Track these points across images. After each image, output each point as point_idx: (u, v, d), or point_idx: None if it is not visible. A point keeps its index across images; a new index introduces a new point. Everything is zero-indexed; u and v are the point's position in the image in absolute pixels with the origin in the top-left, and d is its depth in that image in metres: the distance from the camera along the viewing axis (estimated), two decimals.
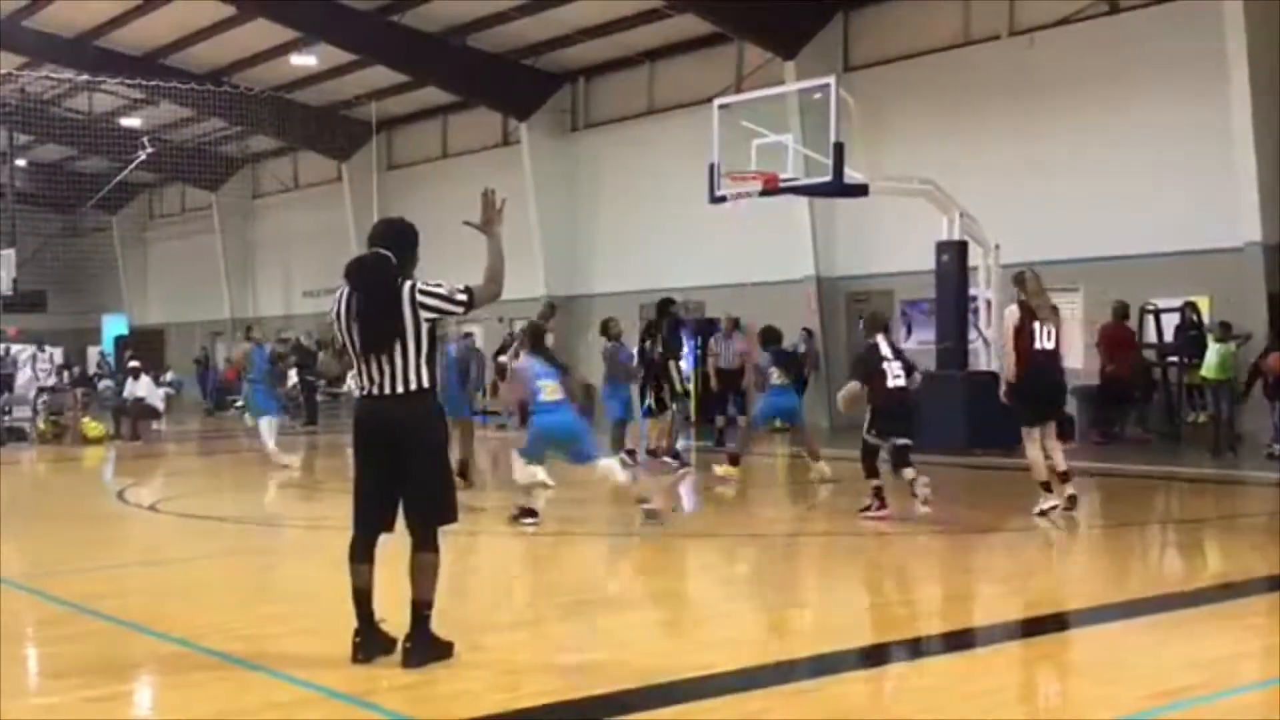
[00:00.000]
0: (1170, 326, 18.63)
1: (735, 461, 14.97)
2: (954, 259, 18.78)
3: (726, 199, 18.26)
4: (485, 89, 28.90)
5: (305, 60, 29.87)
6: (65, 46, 31.18)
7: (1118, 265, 19.21)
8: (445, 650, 6.19)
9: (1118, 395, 18.83)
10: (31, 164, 40.70)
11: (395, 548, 6.24)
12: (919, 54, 22.40)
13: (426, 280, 6.22)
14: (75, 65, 31.46)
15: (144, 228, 46.60)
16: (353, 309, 6.19)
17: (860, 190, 17.98)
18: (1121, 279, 18.94)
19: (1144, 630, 7.18)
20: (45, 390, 24.30)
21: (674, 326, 17.25)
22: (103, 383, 34.32)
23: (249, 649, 6.56)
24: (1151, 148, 19.20)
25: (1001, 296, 16.88)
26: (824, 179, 17.69)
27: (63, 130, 35.93)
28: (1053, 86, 20.35)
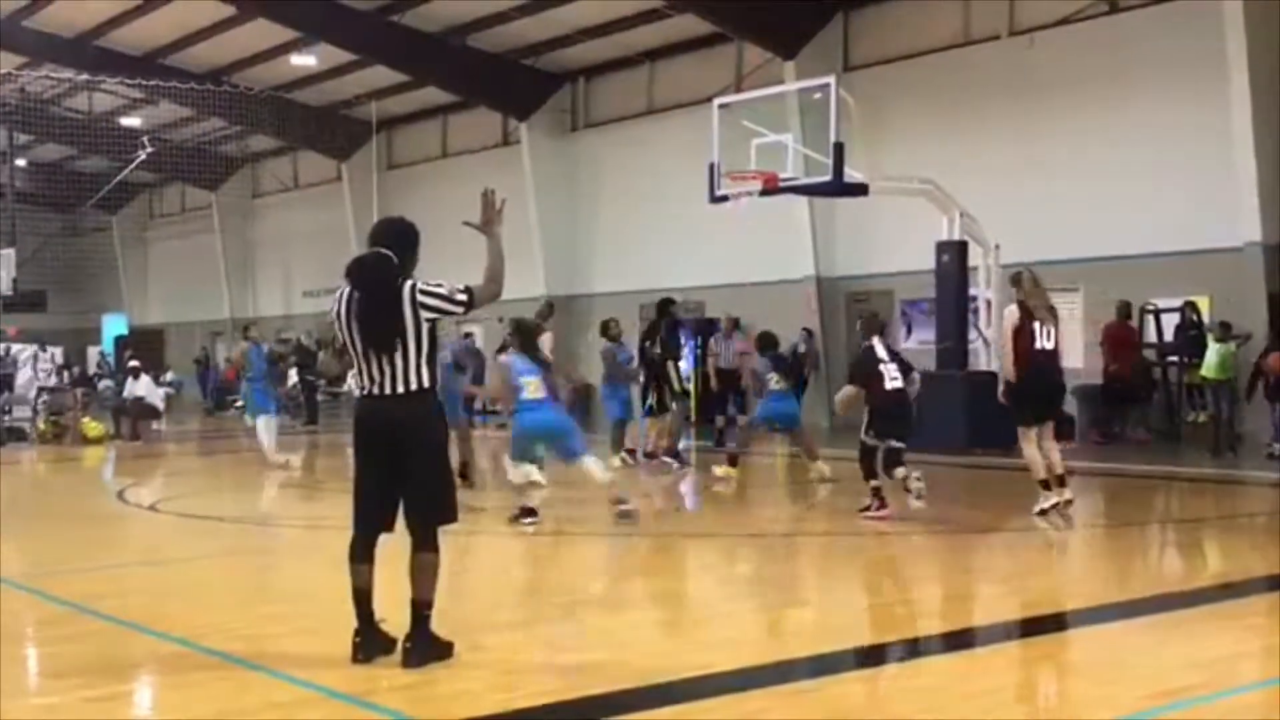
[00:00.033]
0: (1170, 326, 18.65)
1: (734, 462, 14.96)
2: (954, 259, 18.78)
3: (728, 198, 18.25)
4: (485, 89, 28.91)
5: (305, 60, 29.88)
6: (65, 46, 31.18)
7: (1118, 265, 19.22)
8: (445, 650, 6.19)
9: (1121, 395, 18.84)
10: (31, 164, 40.71)
11: (395, 548, 6.24)
12: (919, 54, 22.40)
13: (427, 280, 6.22)
14: (75, 65, 31.46)
15: (144, 227, 46.59)
16: (353, 308, 6.19)
17: (860, 190, 17.98)
18: (1121, 279, 18.95)
19: (1144, 630, 7.17)
20: (45, 390, 24.27)
21: (673, 327, 17.25)
22: (103, 383, 34.29)
23: (249, 649, 6.56)
24: (1151, 148, 19.20)
25: (1001, 296, 16.88)
26: (824, 179, 17.69)
27: (63, 130, 35.93)
28: (1052, 86, 20.35)
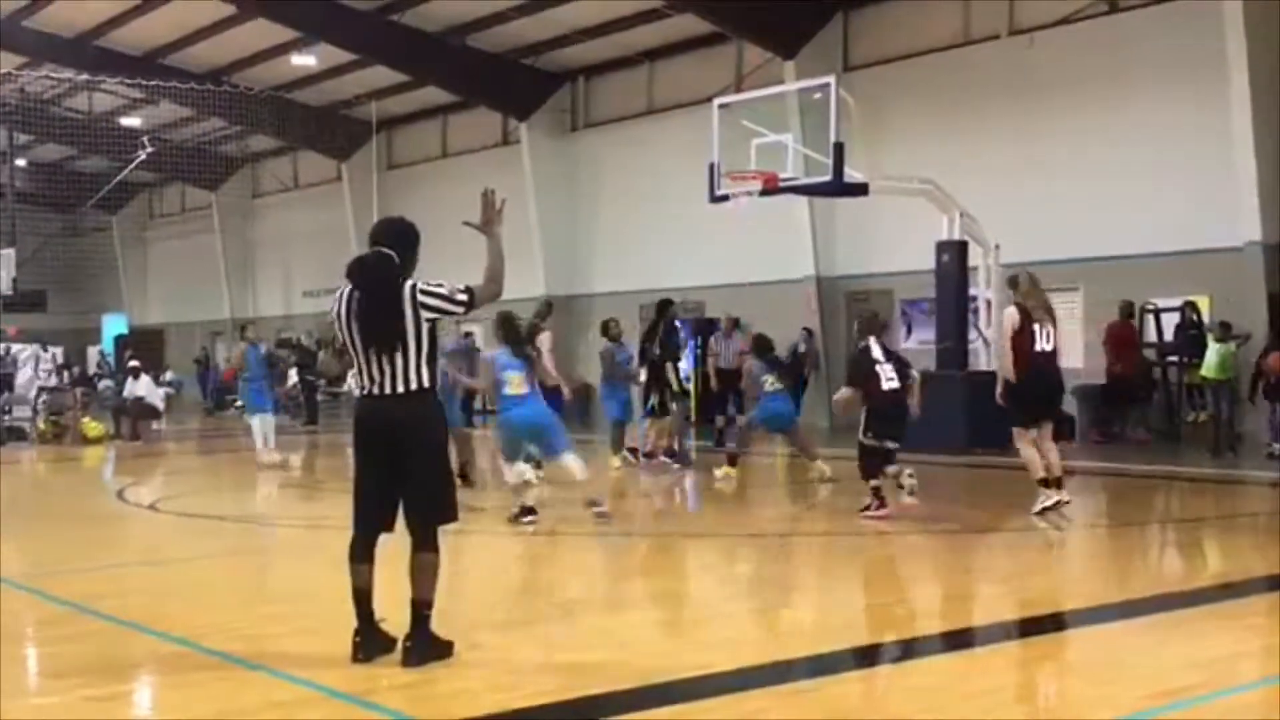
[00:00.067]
0: (1170, 326, 18.65)
1: (733, 462, 14.97)
2: (954, 259, 18.77)
3: (728, 198, 18.24)
4: (485, 89, 28.91)
5: (305, 60, 29.88)
6: (65, 46, 31.18)
7: (1118, 265, 19.22)
8: (445, 650, 6.20)
9: (1123, 394, 18.83)
10: (31, 164, 40.71)
11: (395, 548, 6.24)
12: (919, 54, 22.41)
13: (427, 280, 6.22)
14: (75, 65, 31.46)
15: (144, 227, 46.60)
16: (354, 308, 6.19)
17: (860, 190, 17.97)
18: (1121, 279, 18.95)
19: (1144, 630, 7.17)
20: (45, 390, 24.27)
21: (671, 327, 17.26)
22: (103, 382, 34.31)
23: (249, 649, 6.56)
24: (1151, 148, 19.21)
25: (1001, 297, 16.86)
26: (824, 179, 17.67)
27: (63, 130, 35.93)
28: (1052, 86, 20.36)
